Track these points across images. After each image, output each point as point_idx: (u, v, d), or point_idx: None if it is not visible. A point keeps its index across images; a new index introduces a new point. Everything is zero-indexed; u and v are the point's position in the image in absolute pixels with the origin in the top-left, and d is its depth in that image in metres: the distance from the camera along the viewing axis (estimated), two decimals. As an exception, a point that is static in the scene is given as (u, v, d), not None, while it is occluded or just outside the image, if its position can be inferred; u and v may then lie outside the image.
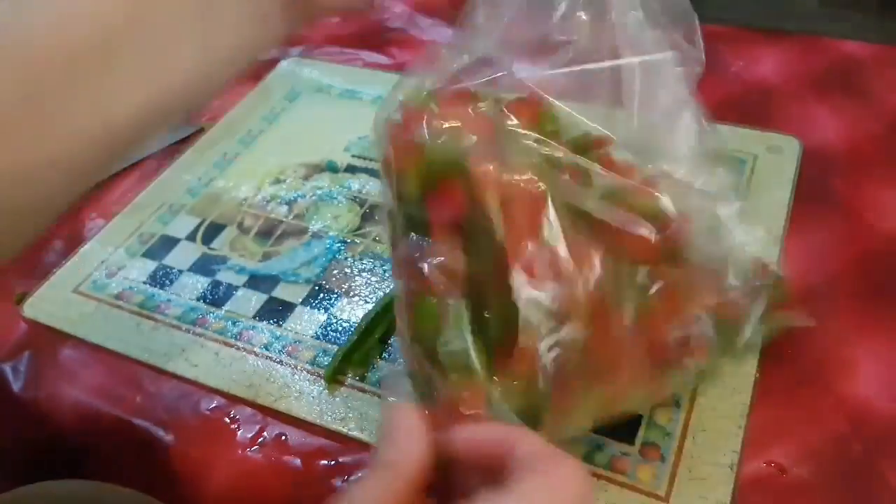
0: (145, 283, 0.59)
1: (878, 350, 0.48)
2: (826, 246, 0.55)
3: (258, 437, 0.47)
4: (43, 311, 0.58)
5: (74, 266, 0.61)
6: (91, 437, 0.51)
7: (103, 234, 0.64)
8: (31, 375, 0.54)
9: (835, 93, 0.69)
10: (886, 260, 0.54)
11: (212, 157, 0.70)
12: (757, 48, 0.76)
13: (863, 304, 0.51)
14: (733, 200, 0.42)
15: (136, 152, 0.33)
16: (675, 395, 0.46)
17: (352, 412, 0.48)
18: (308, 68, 0.80)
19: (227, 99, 0.77)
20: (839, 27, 1.22)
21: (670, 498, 0.42)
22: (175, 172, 0.68)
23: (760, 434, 0.45)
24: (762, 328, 0.44)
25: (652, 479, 0.43)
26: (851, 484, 0.42)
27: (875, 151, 0.63)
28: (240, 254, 0.60)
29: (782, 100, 0.69)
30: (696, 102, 0.41)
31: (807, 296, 0.52)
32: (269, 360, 0.52)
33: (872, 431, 0.45)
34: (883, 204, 0.58)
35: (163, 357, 0.53)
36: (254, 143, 0.71)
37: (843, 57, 0.73)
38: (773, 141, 0.64)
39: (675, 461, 0.44)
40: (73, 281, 0.60)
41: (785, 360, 0.48)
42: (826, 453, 0.44)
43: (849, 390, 0.46)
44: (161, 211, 0.65)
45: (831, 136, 0.64)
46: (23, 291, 0.59)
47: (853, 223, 0.57)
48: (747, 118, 0.67)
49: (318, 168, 0.67)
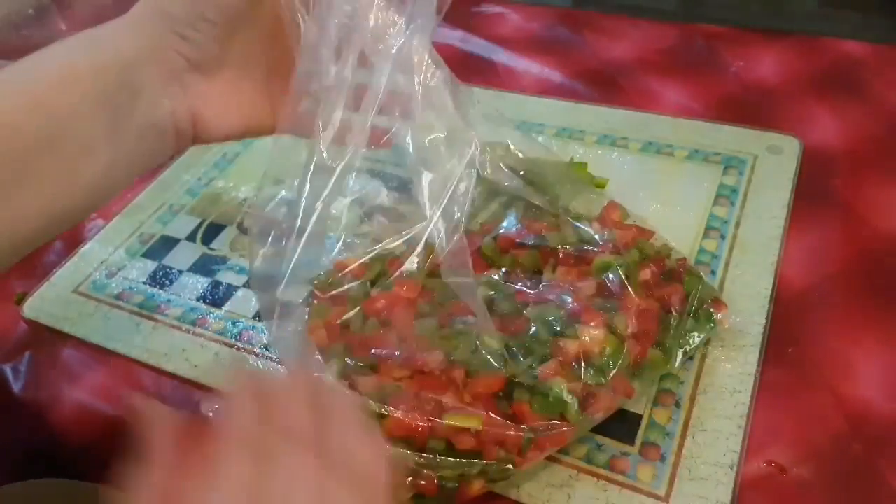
0: (145, 284, 0.59)
1: (878, 350, 0.48)
2: (826, 246, 0.55)
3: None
4: (43, 312, 0.58)
5: (74, 266, 0.61)
6: (91, 437, 0.51)
7: (103, 234, 0.64)
8: (31, 376, 0.54)
9: (835, 93, 0.69)
10: (886, 260, 0.54)
11: (212, 158, 0.70)
12: (757, 48, 0.76)
13: (863, 304, 0.51)
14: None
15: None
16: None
17: (352, 412, 0.48)
18: (308, 68, 0.80)
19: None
20: (839, 27, 1.22)
21: (670, 498, 0.42)
22: (175, 172, 0.68)
23: (760, 434, 0.45)
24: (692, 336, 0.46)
25: (652, 479, 0.43)
26: (851, 484, 0.42)
27: (875, 151, 0.63)
28: (240, 254, 0.60)
29: (782, 100, 0.69)
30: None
31: (807, 296, 0.52)
32: (269, 359, 0.52)
33: (872, 431, 0.44)
34: (883, 204, 0.58)
35: (163, 357, 0.53)
36: (254, 142, 0.71)
37: (843, 57, 0.73)
38: (773, 141, 0.64)
39: (675, 461, 0.44)
40: (74, 281, 0.60)
41: (785, 360, 0.48)
42: (826, 453, 0.44)
43: (849, 390, 0.46)
44: (161, 211, 0.65)
45: (831, 136, 0.64)
46: (23, 291, 0.59)
47: (853, 223, 0.57)
48: (747, 118, 0.67)
49: (318, 168, 0.67)
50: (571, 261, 0.47)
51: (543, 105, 0.71)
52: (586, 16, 0.85)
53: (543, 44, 0.80)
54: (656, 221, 0.58)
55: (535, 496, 0.43)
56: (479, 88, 0.74)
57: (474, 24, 0.85)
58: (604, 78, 0.74)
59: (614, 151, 0.65)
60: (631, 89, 0.72)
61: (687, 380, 0.47)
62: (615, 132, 0.67)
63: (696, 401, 0.46)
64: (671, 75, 0.73)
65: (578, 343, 0.42)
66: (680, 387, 0.47)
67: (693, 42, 0.78)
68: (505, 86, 0.75)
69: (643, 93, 0.72)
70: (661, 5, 1.43)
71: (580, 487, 0.43)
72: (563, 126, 0.68)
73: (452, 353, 0.42)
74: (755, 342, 0.49)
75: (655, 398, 0.46)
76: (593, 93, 0.72)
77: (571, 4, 1.48)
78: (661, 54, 0.77)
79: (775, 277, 0.53)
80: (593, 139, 0.66)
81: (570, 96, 0.72)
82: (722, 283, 0.53)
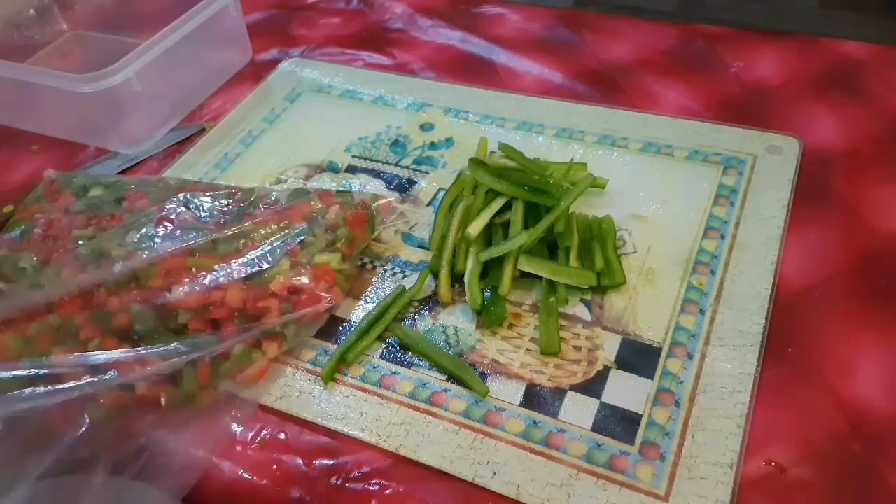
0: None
1: (878, 350, 0.48)
2: (826, 246, 0.55)
3: (258, 436, 0.48)
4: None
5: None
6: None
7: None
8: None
9: (835, 93, 0.69)
10: (886, 260, 0.54)
11: (213, 158, 0.70)
12: (757, 48, 0.76)
13: (862, 304, 0.51)
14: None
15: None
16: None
17: (352, 412, 0.48)
18: (309, 69, 0.80)
19: (229, 99, 0.77)
20: (839, 27, 1.22)
21: (670, 497, 0.42)
22: (176, 172, 0.68)
23: (760, 433, 0.45)
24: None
25: (651, 479, 0.43)
26: (851, 484, 0.43)
27: (875, 151, 0.63)
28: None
29: (782, 100, 0.69)
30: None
31: (806, 296, 0.52)
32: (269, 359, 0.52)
33: (872, 431, 0.45)
34: (883, 204, 0.58)
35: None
36: (255, 143, 0.71)
37: (843, 57, 0.73)
38: (773, 141, 0.64)
39: (675, 461, 0.44)
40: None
41: (784, 359, 0.48)
42: (826, 453, 0.44)
43: (849, 390, 0.47)
44: (162, 211, 0.65)
45: (831, 136, 0.64)
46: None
47: (852, 223, 0.57)
48: (747, 118, 0.67)
49: (319, 168, 0.67)
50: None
51: (543, 105, 0.71)
52: (586, 16, 0.86)
53: (543, 44, 0.80)
54: (656, 221, 0.58)
55: (535, 495, 0.43)
56: (479, 88, 0.74)
57: (474, 24, 0.85)
58: (604, 78, 0.74)
59: (614, 151, 0.65)
60: (631, 89, 0.72)
61: (686, 379, 0.47)
62: (615, 132, 0.67)
63: (695, 400, 0.46)
64: (671, 75, 0.73)
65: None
66: (679, 386, 0.47)
67: (693, 42, 0.78)
68: (505, 86, 0.75)
69: (643, 93, 0.72)
70: (661, 5, 1.43)
71: (580, 487, 0.43)
72: (563, 126, 0.68)
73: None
74: (755, 342, 0.49)
75: (655, 397, 0.47)
76: (593, 93, 0.73)
77: (571, 5, 1.48)
78: (661, 54, 0.77)
79: (775, 277, 0.53)
80: (593, 139, 0.66)
81: (570, 97, 0.72)
82: (722, 283, 0.53)
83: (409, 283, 0.55)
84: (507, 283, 0.52)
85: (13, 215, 0.61)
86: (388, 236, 0.60)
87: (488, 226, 0.55)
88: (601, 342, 0.50)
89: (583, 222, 0.57)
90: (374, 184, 0.65)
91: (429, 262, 0.56)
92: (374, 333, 0.52)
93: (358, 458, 0.46)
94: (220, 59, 0.80)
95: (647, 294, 0.53)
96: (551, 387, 0.48)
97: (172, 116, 0.75)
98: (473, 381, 0.48)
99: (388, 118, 0.72)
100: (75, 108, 0.70)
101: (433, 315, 0.53)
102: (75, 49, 0.86)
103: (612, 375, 0.48)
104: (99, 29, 0.86)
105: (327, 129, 0.72)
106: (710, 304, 0.52)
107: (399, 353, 0.51)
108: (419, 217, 0.61)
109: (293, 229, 0.54)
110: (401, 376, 0.50)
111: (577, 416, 0.46)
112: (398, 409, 0.48)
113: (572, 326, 0.51)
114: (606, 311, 0.52)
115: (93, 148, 0.73)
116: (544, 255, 0.54)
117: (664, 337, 0.50)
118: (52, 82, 0.67)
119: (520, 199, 0.56)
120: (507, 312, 0.52)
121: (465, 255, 0.55)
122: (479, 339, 0.51)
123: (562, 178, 0.59)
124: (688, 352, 0.49)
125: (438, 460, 0.45)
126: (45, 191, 0.62)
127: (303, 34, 0.87)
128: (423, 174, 0.65)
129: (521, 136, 0.68)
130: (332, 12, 0.90)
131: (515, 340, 0.51)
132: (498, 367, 0.50)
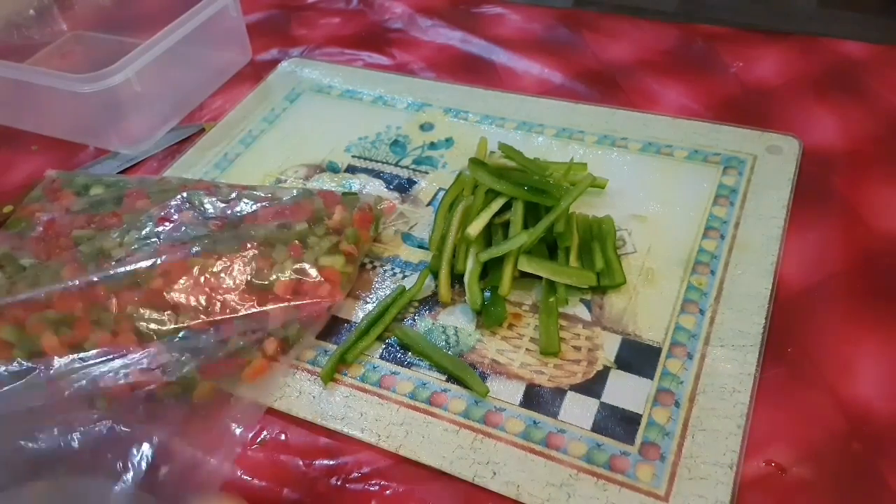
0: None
1: (878, 350, 0.48)
2: (825, 246, 0.55)
3: (258, 436, 0.48)
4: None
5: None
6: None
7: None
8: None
9: (835, 93, 0.69)
10: (886, 260, 0.54)
11: (213, 158, 0.70)
12: (757, 48, 0.76)
13: (862, 303, 0.51)
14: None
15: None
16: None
17: (352, 412, 0.48)
18: (308, 69, 0.80)
19: (228, 99, 0.77)
20: (839, 27, 1.22)
21: (670, 497, 0.42)
22: (176, 172, 0.68)
23: (760, 434, 0.45)
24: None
25: (651, 479, 0.43)
26: (851, 484, 0.42)
27: (875, 151, 0.63)
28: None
29: (782, 100, 0.69)
30: None
31: (806, 296, 0.52)
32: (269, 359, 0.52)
33: (872, 431, 0.45)
34: (883, 204, 0.58)
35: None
36: (254, 143, 0.71)
37: (843, 57, 0.73)
38: (772, 141, 0.64)
39: (675, 461, 0.44)
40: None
41: (784, 359, 0.48)
42: (826, 453, 0.44)
43: (848, 390, 0.47)
44: (161, 211, 0.65)
45: (831, 136, 0.64)
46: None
47: (852, 223, 0.57)
48: (747, 118, 0.67)
49: (319, 168, 0.67)
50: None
51: (543, 105, 0.71)
52: (586, 16, 0.86)
53: (543, 44, 0.80)
54: (656, 221, 0.58)
55: (535, 496, 0.43)
56: (479, 88, 0.74)
57: (474, 25, 0.85)
58: (604, 78, 0.74)
59: (614, 151, 0.65)
60: (631, 89, 0.72)
61: (686, 379, 0.47)
62: (615, 132, 0.67)
63: (695, 400, 0.46)
64: (671, 75, 0.73)
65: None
66: (679, 386, 0.47)
67: (693, 42, 0.78)
68: (505, 86, 0.75)
69: (643, 93, 0.72)
70: (661, 5, 1.43)
71: (580, 487, 0.43)
72: (563, 126, 0.68)
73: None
74: (754, 342, 0.49)
75: (655, 397, 0.47)
76: (593, 93, 0.73)
77: (571, 5, 1.48)
78: (661, 54, 0.77)
79: (775, 277, 0.53)
80: (593, 139, 0.66)
81: (569, 97, 0.72)
82: (721, 283, 0.53)
83: (408, 283, 0.55)
84: (507, 283, 0.52)
85: (13, 215, 0.61)
86: (388, 236, 0.60)
87: (488, 226, 0.55)
88: (601, 342, 0.50)
89: (583, 222, 0.57)
90: (374, 184, 0.65)
91: (429, 263, 0.56)
92: (374, 333, 0.52)
93: (358, 459, 0.46)
94: (219, 59, 0.80)
95: (647, 294, 0.53)
96: (551, 387, 0.48)
97: (172, 116, 0.75)
98: (473, 382, 0.48)
99: (388, 118, 0.72)
100: (75, 109, 0.70)
101: (433, 315, 0.53)
102: (75, 49, 0.86)
103: (611, 375, 0.48)
104: (99, 29, 0.86)
105: (327, 129, 0.72)
106: (710, 304, 0.52)
107: (399, 353, 0.51)
108: (419, 217, 0.61)
109: (294, 229, 0.54)
110: (401, 376, 0.50)
111: (576, 417, 0.46)
112: (398, 409, 0.48)
113: (572, 326, 0.51)
114: (606, 312, 0.52)
115: (92, 148, 0.73)
116: (544, 255, 0.54)
117: (664, 337, 0.50)
118: (52, 82, 0.67)
119: (520, 200, 0.56)
120: (507, 312, 0.52)
121: (464, 255, 0.55)
122: (479, 339, 0.51)
123: (562, 178, 0.59)
124: (688, 352, 0.49)
125: (438, 460, 0.45)
126: (45, 190, 0.62)
127: (303, 34, 0.87)
128: (423, 174, 0.65)
129: (520, 136, 0.68)
130: (332, 12, 0.91)
131: (515, 340, 0.51)
132: (498, 368, 0.50)
